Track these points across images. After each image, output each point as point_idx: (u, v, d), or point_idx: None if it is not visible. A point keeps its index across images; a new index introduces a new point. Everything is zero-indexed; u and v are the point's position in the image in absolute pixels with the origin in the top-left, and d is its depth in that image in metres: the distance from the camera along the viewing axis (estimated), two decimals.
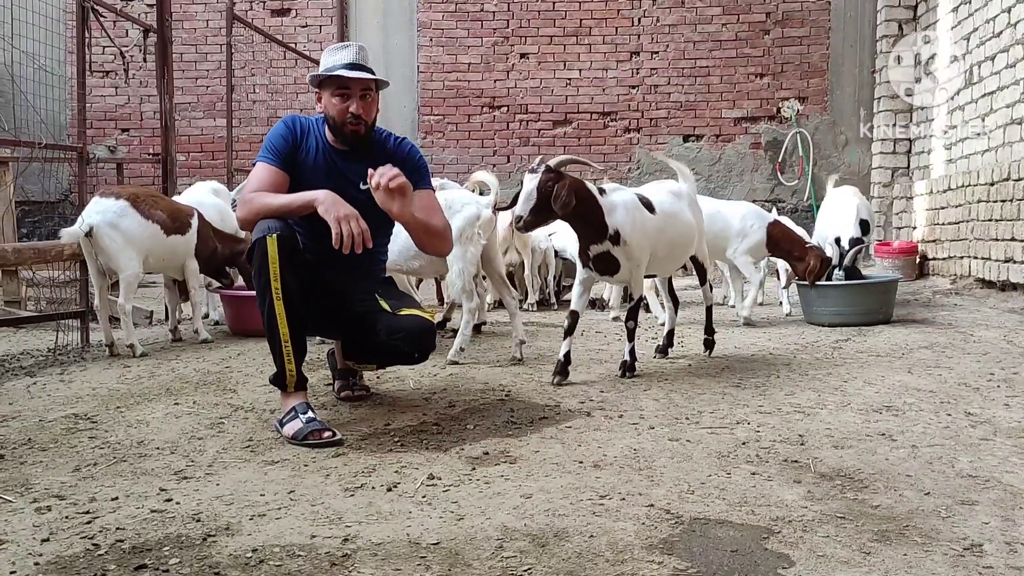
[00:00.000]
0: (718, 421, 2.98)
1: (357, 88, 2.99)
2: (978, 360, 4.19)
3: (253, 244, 2.82)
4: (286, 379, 2.86)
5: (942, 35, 9.07)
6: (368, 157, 3.06)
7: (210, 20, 10.86)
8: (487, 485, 2.28)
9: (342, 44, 3.11)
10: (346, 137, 3.04)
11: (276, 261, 2.76)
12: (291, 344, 2.82)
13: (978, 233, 7.66)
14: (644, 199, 3.91)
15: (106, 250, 4.43)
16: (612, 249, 3.69)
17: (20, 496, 2.20)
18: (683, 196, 4.22)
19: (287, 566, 1.76)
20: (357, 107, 2.98)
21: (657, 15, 10.69)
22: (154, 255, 4.68)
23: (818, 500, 2.14)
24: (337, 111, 3.00)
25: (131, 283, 4.53)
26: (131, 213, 4.50)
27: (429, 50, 10.86)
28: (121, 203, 4.49)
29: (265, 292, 2.78)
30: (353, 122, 3.00)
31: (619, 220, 3.67)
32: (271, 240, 2.77)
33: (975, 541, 1.87)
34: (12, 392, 3.60)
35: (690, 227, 4.15)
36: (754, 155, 10.68)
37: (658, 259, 3.97)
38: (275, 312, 2.78)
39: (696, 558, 1.79)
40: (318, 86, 3.07)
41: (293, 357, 2.84)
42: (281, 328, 2.80)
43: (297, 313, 2.83)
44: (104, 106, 10.86)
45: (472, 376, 3.86)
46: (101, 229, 4.39)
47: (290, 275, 2.79)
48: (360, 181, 3.01)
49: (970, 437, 2.74)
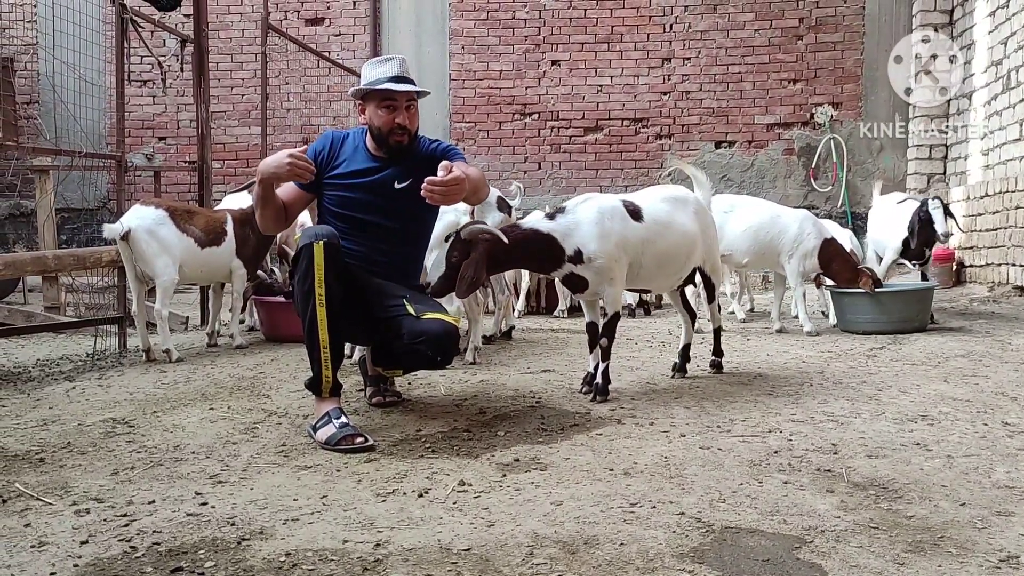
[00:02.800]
0: (750, 429, 2.96)
1: (403, 100, 3.10)
2: (1016, 369, 4.12)
3: (299, 250, 2.88)
4: (322, 384, 2.90)
5: (979, 40, 8.94)
6: (405, 158, 3.17)
7: (245, 30, 11.01)
8: (518, 492, 2.29)
9: (385, 57, 3.19)
10: (390, 147, 3.12)
11: (322, 268, 2.82)
12: (330, 350, 2.87)
13: (1016, 240, 7.53)
14: (632, 206, 3.62)
15: (143, 255, 4.52)
16: (575, 268, 3.43)
17: (59, 499, 2.25)
18: (687, 203, 3.86)
19: (320, 570, 1.78)
20: (403, 118, 3.09)
21: (689, 21, 10.65)
22: (189, 266, 4.77)
23: (851, 510, 2.12)
24: (383, 122, 3.08)
25: (167, 289, 4.61)
26: (168, 223, 4.60)
27: (461, 58, 10.92)
28: (160, 212, 4.61)
29: (309, 298, 2.83)
30: (399, 133, 3.10)
31: (581, 238, 3.40)
32: (318, 247, 2.83)
33: (1012, 552, 1.84)
34: (52, 396, 3.67)
35: (688, 237, 3.79)
36: (787, 161, 10.59)
37: (646, 270, 3.67)
38: (317, 318, 2.84)
39: (727, 567, 1.78)
40: (362, 98, 3.15)
41: (331, 363, 2.88)
42: (321, 334, 2.85)
43: (337, 320, 2.88)
44: (142, 115, 11.04)
45: (503, 383, 3.88)
46: (138, 234, 4.49)
47: (334, 283, 2.85)
48: (395, 180, 3.15)
49: (1007, 447, 2.70)
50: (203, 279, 5.18)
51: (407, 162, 3.18)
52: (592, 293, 3.55)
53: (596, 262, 3.42)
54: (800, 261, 5.66)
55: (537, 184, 10.65)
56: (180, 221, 4.67)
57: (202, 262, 4.82)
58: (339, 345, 2.96)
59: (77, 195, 9.28)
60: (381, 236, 3.20)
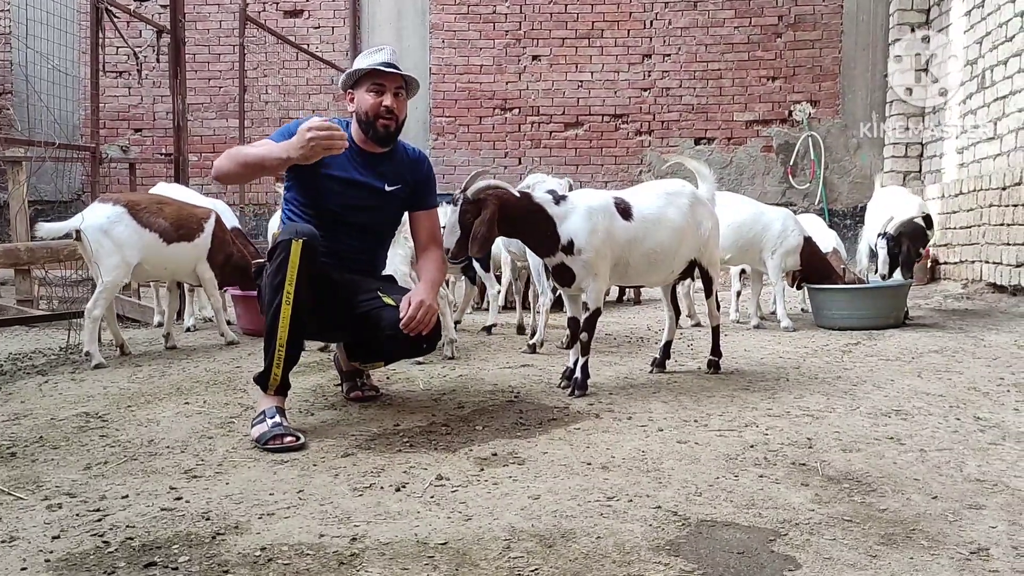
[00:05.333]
0: (727, 424, 2.98)
1: (392, 84, 3.10)
2: (988, 365, 4.18)
3: (277, 243, 2.84)
4: (269, 381, 2.85)
5: (955, 39, 9.04)
6: (392, 159, 3.21)
7: (223, 21, 10.92)
8: (495, 486, 2.29)
9: (377, 47, 3.20)
10: (377, 131, 3.10)
11: (296, 267, 2.79)
12: (286, 349, 2.83)
13: (989, 237, 7.63)
14: (622, 204, 3.62)
15: (94, 254, 4.30)
16: (566, 260, 3.45)
17: (31, 493, 2.22)
18: (681, 196, 3.81)
19: (295, 565, 1.77)
20: (391, 102, 3.08)
21: (669, 18, 10.68)
22: (151, 263, 4.54)
23: (825, 503, 2.14)
24: (371, 105, 3.08)
25: (108, 290, 4.34)
26: (126, 220, 4.36)
27: (441, 52, 10.89)
28: (117, 209, 4.37)
29: (277, 292, 2.80)
30: (387, 116, 3.08)
31: (573, 228, 3.42)
32: (297, 245, 2.79)
33: (982, 545, 1.86)
34: (24, 391, 3.63)
35: (678, 232, 3.73)
36: (765, 158, 10.67)
37: (635, 268, 3.68)
38: (280, 314, 2.80)
39: (703, 560, 1.79)
40: (352, 86, 3.15)
41: (283, 362, 2.84)
42: (281, 331, 2.81)
43: (301, 321, 2.84)
44: (117, 106, 10.93)
45: (482, 378, 3.87)
46: (89, 233, 4.27)
47: (305, 284, 2.82)
48: (386, 182, 3.17)
49: (979, 441, 2.73)
50: (166, 276, 4.94)
51: (396, 164, 3.22)
52: (577, 287, 3.56)
53: (583, 255, 3.43)
54: (782, 258, 5.71)
55: (517, 179, 10.63)
56: (143, 215, 4.43)
57: (166, 258, 4.59)
58: (298, 347, 2.90)
59: (51, 187, 9.19)
60: (355, 234, 3.19)
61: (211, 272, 4.88)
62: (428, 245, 3.31)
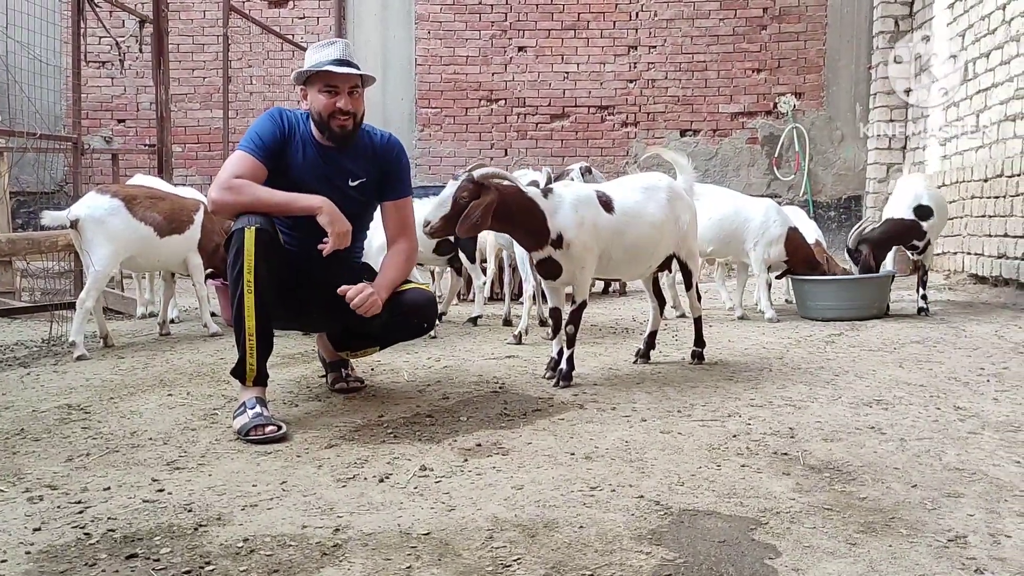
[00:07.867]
0: (710, 414, 3.00)
1: (346, 85, 2.99)
2: (969, 355, 4.21)
3: (231, 234, 2.83)
4: (246, 372, 2.84)
5: (938, 32, 9.08)
6: (355, 152, 3.10)
7: (207, 11, 10.83)
8: (479, 476, 2.29)
9: (328, 41, 3.09)
10: (333, 133, 3.01)
11: (252, 254, 2.76)
12: (256, 338, 2.81)
13: (972, 229, 7.69)
14: (604, 197, 3.62)
15: (87, 244, 4.31)
16: (554, 253, 3.45)
17: (12, 486, 2.21)
18: (658, 190, 3.81)
19: (278, 556, 1.77)
20: (345, 102, 2.98)
21: (655, 9, 10.69)
22: (145, 256, 4.60)
23: (806, 492, 2.16)
24: (324, 106, 2.98)
25: (99, 280, 4.35)
26: (122, 213, 4.40)
27: (427, 43, 10.85)
28: (115, 202, 4.40)
29: (237, 283, 2.78)
30: (341, 117, 2.98)
31: (562, 221, 3.42)
32: (249, 232, 2.77)
33: (960, 533, 1.88)
34: (6, 382, 3.60)
35: (657, 226, 3.74)
36: (751, 150, 10.70)
37: (616, 262, 3.70)
38: (244, 304, 2.78)
39: (684, 548, 1.81)
40: (304, 83, 3.06)
41: (256, 351, 2.82)
42: (248, 321, 2.79)
43: (266, 308, 2.81)
44: (100, 97, 10.84)
45: (466, 368, 3.88)
46: (86, 223, 4.30)
47: (264, 269, 2.79)
48: (349, 178, 3.08)
49: (958, 431, 2.76)
50: (158, 268, 5.02)
51: (359, 158, 3.11)
52: (564, 281, 3.56)
53: (572, 248, 3.44)
54: (765, 249, 5.72)
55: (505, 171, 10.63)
56: (138, 209, 4.47)
57: (159, 251, 4.64)
58: (268, 334, 2.86)
59: (33, 178, 9.08)
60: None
61: (199, 258, 4.92)
62: (396, 238, 3.20)
